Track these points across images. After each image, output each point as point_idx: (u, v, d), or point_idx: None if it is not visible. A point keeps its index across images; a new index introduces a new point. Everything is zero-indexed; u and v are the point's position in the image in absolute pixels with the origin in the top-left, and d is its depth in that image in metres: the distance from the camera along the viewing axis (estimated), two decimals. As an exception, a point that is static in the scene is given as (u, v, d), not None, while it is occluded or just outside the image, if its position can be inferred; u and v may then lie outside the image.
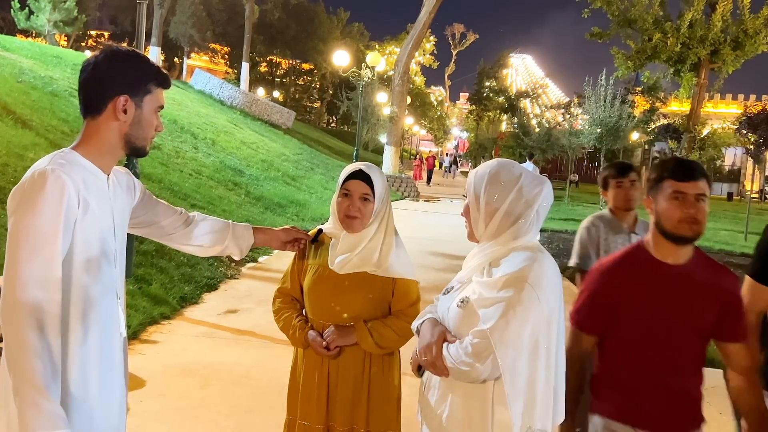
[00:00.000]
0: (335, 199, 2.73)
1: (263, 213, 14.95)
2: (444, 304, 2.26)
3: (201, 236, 2.55)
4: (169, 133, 19.03)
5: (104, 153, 2.06)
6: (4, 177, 8.79)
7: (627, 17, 17.12)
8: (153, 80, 2.10)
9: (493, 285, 2.04)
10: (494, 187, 2.15)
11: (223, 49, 68.33)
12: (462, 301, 2.13)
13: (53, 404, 1.81)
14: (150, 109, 2.10)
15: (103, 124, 2.04)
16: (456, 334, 2.14)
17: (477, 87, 75.95)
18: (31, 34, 42.60)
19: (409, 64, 25.61)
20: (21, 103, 13.87)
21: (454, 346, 2.09)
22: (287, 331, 2.81)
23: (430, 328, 2.22)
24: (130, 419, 4.42)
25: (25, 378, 1.80)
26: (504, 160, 2.26)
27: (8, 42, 23.66)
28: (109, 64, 2.04)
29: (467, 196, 2.24)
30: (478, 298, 2.06)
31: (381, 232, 2.71)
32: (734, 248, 18.32)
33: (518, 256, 2.07)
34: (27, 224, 1.85)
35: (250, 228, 2.69)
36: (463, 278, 2.24)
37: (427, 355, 2.14)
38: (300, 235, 2.79)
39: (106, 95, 2.02)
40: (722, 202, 53.81)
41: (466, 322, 2.10)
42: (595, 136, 25.16)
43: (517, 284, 2.00)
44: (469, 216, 2.23)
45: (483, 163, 2.27)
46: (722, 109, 66.34)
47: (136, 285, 7.41)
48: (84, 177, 1.97)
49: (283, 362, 5.88)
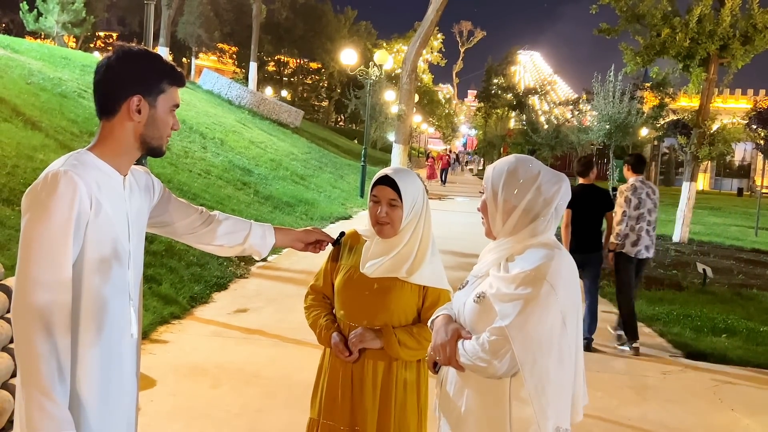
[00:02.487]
0: (368, 204, 2.72)
1: (272, 212, 14.97)
2: (460, 299, 2.24)
3: (222, 236, 2.51)
4: (178, 133, 19.04)
5: (120, 154, 2.05)
6: (14, 178, 8.82)
7: (635, 13, 17.00)
8: (166, 79, 2.08)
9: (510, 281, 2.03)
10: (512, 184, 2.12)
11: (231, 49, 68.45)
12: (479, 297, 2.11)
13: (59, 407, 1.81)
14: (164, 108, 2.08)
15: (117, 125, 2.03)
16: (472, 329, 2.13)
17: (485, 84, 75.74)
18: (39, 35, 42.75)
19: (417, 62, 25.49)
20: (30, 104, 13.92)
21: (470, 343, 2.07)
22: (314, 328, 2.81)
23: (443, 325, 2.19)
24: (140, 419, 4.43)
25: (31, 379, 1.80)
26: (522, 156, 2.23)
27: (17, 44, 23.74)
28: (122, 65, 2.02)
29: (484, 192, 2.21)
30: (495, 293, 2.05)
31: (416, 239, 2.67)
32: (745, 244, 18.26)
33: (536, 253, 2.06)
34: (38, 226, 1.85)
35: (271, 228, 2.65)
36: (479, 272, 2.22)
37: (441, 354, 2.14)
38: (322, 237, 2.76)
39: (119, 96, 2.01)
40: (732, 198, 53.59)
41: (483, 317, 2.08)
42: (604, 132, 25.11)
43: (536, 281, 1.99)
44: (486, 212, 2.20)
45: (501, 159, 2.23)
46: (732, 104, 66.02)
47: (146, 285, 7.42)
48: (97, 178, 1.97)
49: (294, 361, 5.91)
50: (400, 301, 2.66)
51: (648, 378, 6.37)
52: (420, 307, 2.69)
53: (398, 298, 2.66)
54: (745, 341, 7.74)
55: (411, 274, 2.65)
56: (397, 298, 2.66)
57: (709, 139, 17.37)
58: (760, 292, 10.93)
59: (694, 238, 17.93)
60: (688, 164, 17.80)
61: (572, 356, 2.05)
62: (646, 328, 8.18)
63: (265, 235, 2.62)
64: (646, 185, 7.30)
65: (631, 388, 6.03)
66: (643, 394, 5.92)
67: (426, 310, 2.69)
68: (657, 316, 8.63)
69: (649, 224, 7.25)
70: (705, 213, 28.54)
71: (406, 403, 2.70)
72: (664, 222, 21.77)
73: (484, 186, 2.22)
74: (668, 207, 27.41)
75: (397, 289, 2.66)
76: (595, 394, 5.61)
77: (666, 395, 5.91)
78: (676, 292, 10.42)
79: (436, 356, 2.17)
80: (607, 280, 9.40)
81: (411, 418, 2.71)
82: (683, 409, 5.59)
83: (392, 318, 2.66)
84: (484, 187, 2.21)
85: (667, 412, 5.48)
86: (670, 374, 6.52)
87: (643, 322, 8.40)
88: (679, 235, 17.37)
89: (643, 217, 7.19)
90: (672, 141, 45.12)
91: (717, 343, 7.56)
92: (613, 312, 8.14)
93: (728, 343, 7.58)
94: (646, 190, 7.25)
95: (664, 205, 30.27)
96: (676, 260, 13.89)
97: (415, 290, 2.68)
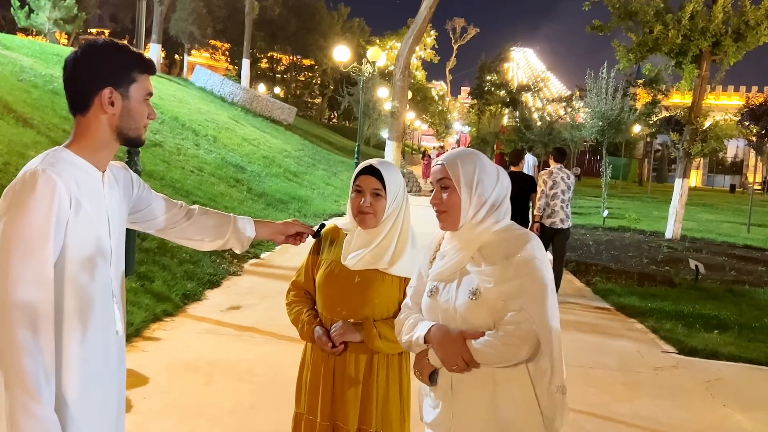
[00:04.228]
0: (350, 195, 2.72)
1: (265, 209, 14.96)
2: (439, 305, 2.26)
3: (202, 230, 2.51)
4: (171, 130, 19.03)
5: (98, 149, 2.04)
6: (6, 176, 8.79)
7: (628, 9, 17.00)
8: (136, 68, 2.05)
9: (504, 268, 2.13)
10: (485, 178, 2.23)
11: (223, 46, 68.17)
12: (473, 293, 2.15)
13: (45, 409, 1.80)
14: (138, 98, 2.05)
15: (92, 119, 2.01)
16: (469, 324, 2.16)
17: (478, 81, 75.81)
18: (31, 32, 42.50)
19: (410, 59, 25.49)
20: (22, 101, 13.86)
21: (489, 339, 2.11)
22: (296, 324, 2.82)
23: (444, 335, 2.19)
24: (133, 416, 4.44)
25: (16, 380, 1.78)
26: (472, 149, 2.37)
27: (8, 40, 23.64)
28: (89, 59, 2.00)
29: (453, 186, 2.23)
30: (493, 286, 2.12)
31: (396, 230, 2.69)
32: (737, 240, 18.31)
33: (509, 235, 2.19)
34: (18, 226, 1.83)
35: (251, 221, 2.64)
36: (443, 274, 2.27)
37: (457, 362, 2.14)
38: (302, 229, 2.75)
39: (90, 90, 1.99)
40: (725, 194, 53.78)
41: (481, 312, 2.14)
42: (597, 129, 25.10)
43: (529, 263, 2.11)
44: (457, 206, 2.22)
45: (457, 152, 2.31)
46: (724, 100, 66.15)
47: (139, 282, 7.41)
48: (76, 176, 1.95)
49: (287, 358, 5.90)
50: (381, 294, 2.67)
51: (640, 374, 6.38)
52: (401, 299, 2.70)
53: (380, 291, 2.67)
54: (737, 337, 7.77)
55: (392, 265, 2.66)
56: (379, 292, 2.66)
57: (701, 135, 17.41)
58: (752, 288, 10.98)
59: (687, 235, 17.98)
60: (680, 161, 17.84)
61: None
62: (638, 324, 8.20)
63: (246, 228, 2.61)
64: (562, 171, 9.15)
65: (624, 384, 6.04)
66: (635, 390, 5.93)
67: None
68: (649, 312, 8.65)
69: (563, 201, 8.99)
70: (697, 210, 28.65)
71: (389, 397, 2.71)
72: (657, 219, 21.86)
73: (446, 180, 2.24)
74: (661, 204, 27.51)
75: (379, 282, 2.67)
76: (588, 390, 5.62)
77: (658, 391, 5.92)
78: (668, 289, 10.45)
79: (452, 366, 2.15)
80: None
81: (394, 411, 2.71)
82: (675, 405, 5.61)
83: (374, 311, 2.67)
84: (454, 181, 2.22)
85: (659, 408, 5.49)
86: (662, 370, 6.54)
87: (635, 318, 8.46)
88: (671, 232, 17.42)
89: (557, 196, 8.96)
90: (665, 138, 45.19)
91: (709, 339, 7.59)
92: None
93: (720, 339, 7.61)
94: (561, 175, 9.06)
95: (657, 202, 30.41)
96: (669, 257, 13.94)
97: (396, 282, 2.69)
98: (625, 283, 10.61)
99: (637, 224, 19.31)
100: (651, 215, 23.76)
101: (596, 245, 15.07)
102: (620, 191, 40.75)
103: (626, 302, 9.14)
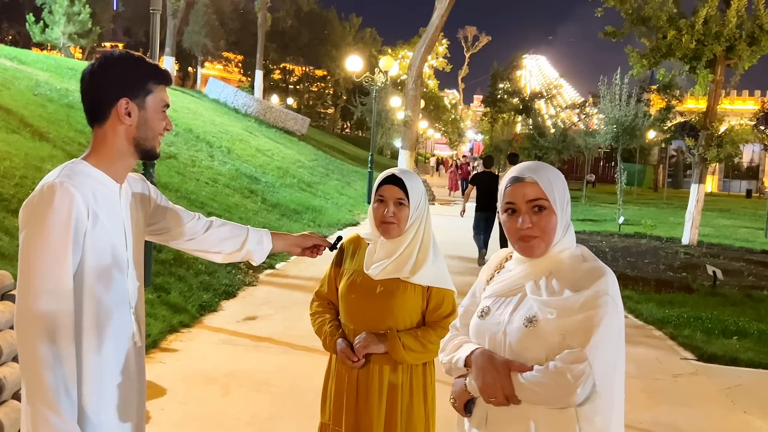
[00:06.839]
0: (372, 205, 2.72)
1: (279, 220, 14.99)
2: (488, 328, 2.01)
3: (219, 242, 2.50)
4: (185, 142, 19.12)
5: (115, 160, 2.05)
6: (22, 189, 8.85)
7: (640, 15, 16.93)
8: (151, 79, 2.06)
9: (572, 301, 1.87)
10: (566, 194, 2.00)
11: (236, 58, 68.50)
12: (529, 321, 1.90)
13: (65, 421, 1.81)
14: (154, 109, 2.07)
15: (109, 130, 2.03)
16: (518, 356, 1.91)
17: (491, 89, 75.63)
18: (46, 47, 42.89)
19: (422, 68, 25.56)
20: (38, 115, 13.98)
21: (537, 375, 1.84)
22: (320, 335, 2.82)
23: (488, 360, 1.93)
24: (152, 428, 4.44)
25: (36, 393, 1.79)
26: (542, 162, 2.09)
27: (24, 55, 23.87)
28: (105, 70, 2.02)
29: (551, 207, 1.96)
30: (555, 317, 1.87)
31: (418, 238, 2.68)
32: (754, 245, 18.16)
33: (585, 269, 1.94)
34: (37, 239, 1.85)
35: (268, 233, 2.64)
36: (500, 290, 2.04)
37: (497, 394, 1.88)
38: (319, 242, 2.74)
39: (106, 101, 2.01)
40: (741, 200, 53.35)
41: (536, 343, 1.89)
42: (611, 135, 25.03)
43: (599, 299, 1.85)
44: (552, 229, 1.96)
45: (537, 165, 2.03)
46: (739, 105, 65.67)
47: (155, 294, 7.44)
48: (93, 188, 1.96)
49: (304, 368, 5.90)
50: (404, 304, 2.66)
51: (659, 381, 6.34)
52: (424, 309, 2.69)
53: (402, 301, 2.66)
54: (756, 343, 7.69)
55: (414, 274, 2.65)
56: (402, 302, 2.66)
57: (716, 140, 17.29)
58: (770, 294, 10.86)
59: (704, 241, 17.84)
60: (696, 166, 17.72)
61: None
62: (657, 331, 8.15)
63: (263, 240, 2.60)
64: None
65: (643, 391, 6.00)
66: (654, 397, 5.89)
67: (430, 312, 2.70)
68: (667, 318, 8.58)
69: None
70: (714, 215, 28.43)
71: (413, 408, 2.70)
72: (673, 225, 21.72)
73: (542, 201, 1.96)
74: (677, 210, 27.31)
75: (401, 291, 2.66)
76: (607, 398, 5.57)
77: (678, 398, 5.88)
78: (686, 295, 10.37)
79: (490, 398, 1.90)
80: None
81: (418, 422, 2.70)
82: (695, 413, 5.56)
83: (397, 322, 2.66)
84: (548, 203, 1.96)
85: (679, 416, 5.44)
86: (681, 377, 6.48)
87: (653, 325, 8.40)
88: (688, 238, 17.29)
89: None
90: (680, 143, 44.98)
91: (728, 345, 7.52)
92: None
93: (739, 345, 7.53)
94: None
95: (673, 208, 30.20)
96: (686, 263, 13.84)
97: (419, 292, 2.68)
98: (642, 290, 10.54)
99: (653, 230, 19.18)
100: (667, 221, 23.60)
101: (612, 252, 14.98)
102: (635, 198, 40.53)
103: (644, 309, 9.07)
